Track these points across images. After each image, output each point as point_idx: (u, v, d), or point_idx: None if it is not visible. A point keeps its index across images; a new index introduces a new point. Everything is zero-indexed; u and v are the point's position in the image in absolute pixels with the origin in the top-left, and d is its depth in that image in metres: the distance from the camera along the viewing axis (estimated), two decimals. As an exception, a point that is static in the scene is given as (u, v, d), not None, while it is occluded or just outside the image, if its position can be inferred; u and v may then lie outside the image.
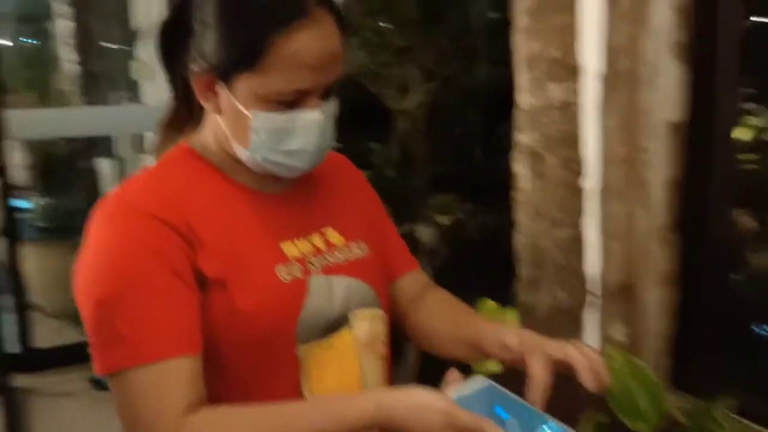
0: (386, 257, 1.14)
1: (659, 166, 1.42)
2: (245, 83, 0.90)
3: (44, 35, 5.46)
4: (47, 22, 5.34)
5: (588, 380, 0.85)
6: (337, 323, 1.00)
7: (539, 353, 0.89)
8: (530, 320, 1.63)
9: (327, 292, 0.99)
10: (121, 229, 0.89)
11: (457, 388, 0.89)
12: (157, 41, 0.99)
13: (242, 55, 0.89)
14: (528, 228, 1.62)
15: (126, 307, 0.86)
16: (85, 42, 4.54)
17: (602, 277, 1.49)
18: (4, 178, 3.14)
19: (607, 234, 1.48)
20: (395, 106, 4.26)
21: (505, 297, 1.78)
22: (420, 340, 1.14)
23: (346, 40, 0.95)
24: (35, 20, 5.29)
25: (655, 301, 1.44)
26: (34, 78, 4.68)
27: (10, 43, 5.59)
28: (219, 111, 0.95)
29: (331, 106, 0.96)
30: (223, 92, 0.93)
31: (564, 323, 1.56)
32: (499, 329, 0.98)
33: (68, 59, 4.78)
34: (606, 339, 1.48)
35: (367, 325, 1.04)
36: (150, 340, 0.86)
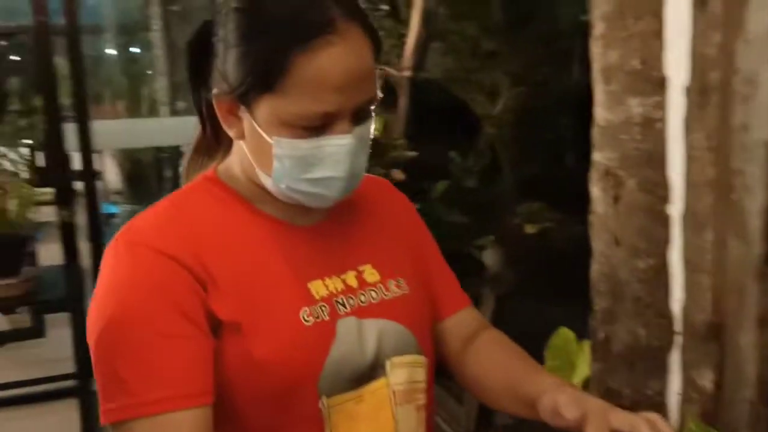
0: (432, 294, 1.03)
1: (755, 190, 1.25)
2: (267, 106, 0.82)
3: (146, 46, 5.65)
4: (146, 33, 5.52)
5: None
6: (369, 372, 0.90)
7: (600, 425, 0.76)
8: (605, 357, 1.48)
9: (357, 336, 0.89)
10: (126, 266, 0.83)
11: None
12: (186, 63, 0.93)
13: (261, 75, 0.81)
14: (605, 256, 1.47)
15: (127, 350, 0.80)
16: (175, 52, 4.65)
17: (688, 314, 1.32)
18: (90, 186, 3.23)
19: (694, 266, 1.31)
20: (483, 111, 4.13)
21: (584, 324, 1.63)
22: (471, 389, 1.03)
23: (378, 56, 0.85)
24: (134, 31, 5.49)
25: (750, 343, 1.27)
26: (129, 88, 4.84)
27: (114, 52, 5.83)
28: (242, 137, 0.87)
29: (365, 130, 0.87)
30: (245, 116, 0.85)
31: (643, 364, 1.40)
32: (558, 391, 0.86)
33: (159, 70, 4.92)
34: (690, 385, 1.31)
35: (405, 374, 0.94)
36: (152, 388, 0.79)
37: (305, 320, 0.86)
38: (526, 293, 1.91)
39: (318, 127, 0.82)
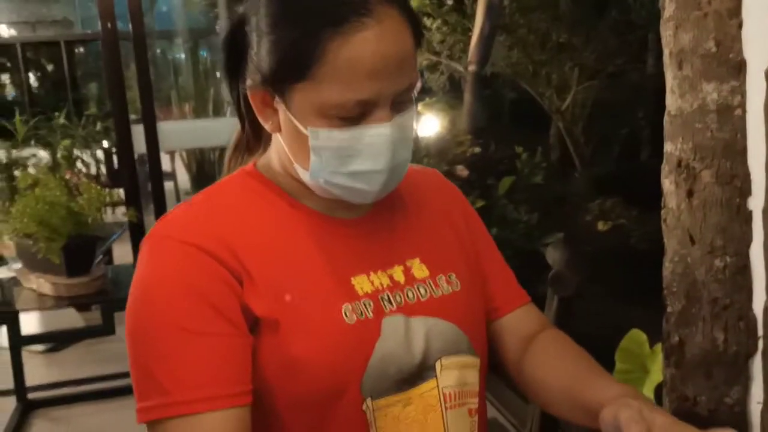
0: (487, 291, 0.97)
1: None
2: (301, 96, 0.78)
3: (213, 49, 5.75)
4: (213, 37, 5.62)
5: None
6: (417, 373, 0.85)
7: None
8: (679, 363, 1.38)
9: (404, 335, 0.84)
10: (157, 260, 0.80)
11: None
12: (223, 58, 0.90)
13: (293, 62, 0.76)
14: (679, 255, 1.37)
15: (158, 348, 0.77)
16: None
17: (772, 318, 1.21)
18: (157, 186, 3.30)
19: (779, 266, 1.20)
20: (552, 105, 4.02)
21: (660, 326, 1.53)
22: (529, 392, 0.96)
23: (419, 41, 0.79)
24: (202, 35, 5.60)
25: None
26: (195, 89, 4.93)
27: (183, 55, 5.96)
28: (279, 129, 0.83)
29: (407, 119, 0.81)
30: (280, 108, 0.81)
31: (722, 370, 1.29)
32: (621, 403, 0.78)
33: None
34: (776, 395, 1.20)
35: (456, 375, 0.88)
36: (186, 387, 0.75)
37: (347, 318, 0.81)
38: (595, 293, 1.81)
39: (355, 116, 0.77)
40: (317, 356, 0.78)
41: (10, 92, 9.82)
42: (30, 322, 4.22)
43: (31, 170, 4.07)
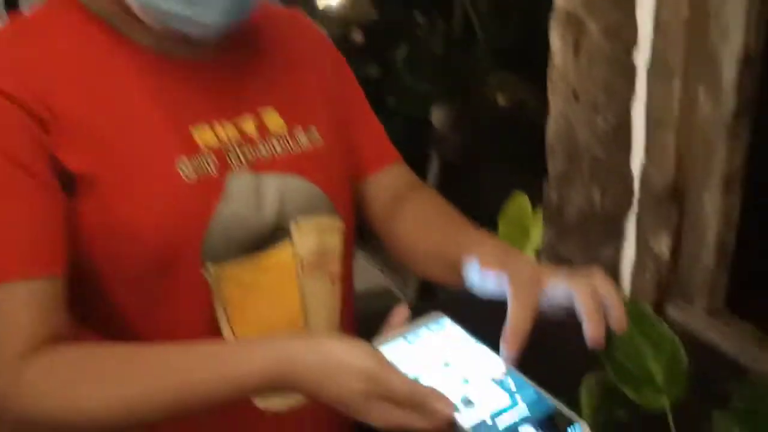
0: (354, 148, 0.89)
1: (733, 35, 1.09)
2: None
3: None
4: None
5: (593, 332, 0.61)
6: (268, 236, 0.77)
7: (529, 292, 0.64)
8: (558, 224, 1.37)
9: (253, 195, 0.75)
10: None
11: (401, 333, 0.66)
12: None
13: None
14: (562, 115, 1.33)
15: None
16: None
17: (648, 176, 1.20)
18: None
19: (658, 123, 1.18)
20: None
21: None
22: (401, 256, 0.90)
23: None
24: None
25: (713, 207, 1.16)
26: None
27: None
28: None
29: None
30: None
31: (597, 230, 1.29)
32: (479, 245, 0.73)
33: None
34: (646, 252, 1.21)
35: (314, 239, 0.80)
36: None
37: (185, 174, 0.71)
38: (481, 160, 1.78)
39: None
40: (147, 219, 0.68)
41: None
42: None
43: None
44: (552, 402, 0.60)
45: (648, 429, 0.66)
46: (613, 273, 1.28)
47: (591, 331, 0.60)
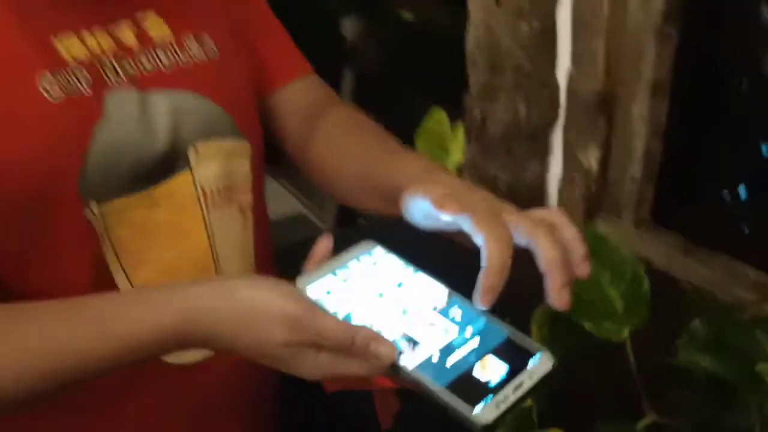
0: (258, 59, 0.77)
1: (664, -71, 1.02)
2: None
3: None
4: None
5: (554, 291, 0.53)
6: (162, 165, 0.65)
7: (500, 227, 0.55)
8: (481, 139, 1.30)
9: (139, 116, 0.63)
10: None
11: (327, 267, 0.57)
12: None
13: None
14: (483, 21, 1.23)
15: None
16: None
17: (575, 85, 1.14)
18: None
19: (585, 27, 1.10)
20: None
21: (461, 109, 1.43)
22: (319, 180, 0.80)
23: None
24: None
25: (641, 115, 1.11)
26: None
27: None
28: None
29: None
30: None
31: (522, 145, 1.23)
32: (428, 180, 0.63)
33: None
34: (573, 165, 1.16)
35: (219, 165, 0.69)
36: None
37: (49, 94, 0.58)
38: (395, 73, 1.67)
39: None
40: (9, 150, 0.56)
41: None
42: None
43: None
44: (507, 330, 0.53)
45: (602, 358, 0.60)
46: (540, 189, 1.23)
47: (556, 292, 0.52)
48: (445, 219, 0.54)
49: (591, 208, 1.16)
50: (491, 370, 0.50)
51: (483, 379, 0.49)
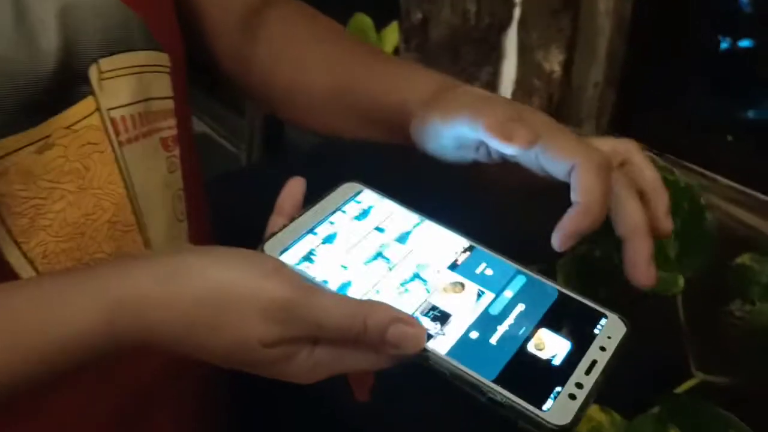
0: None
1: None
2: None
3: None
4: None
5: (641, 266, 0.40)
6: (55, 91, 0.47)
7: (591, 155, 0.40)
8: (422, 45, 1.15)
9: (15, 25, 0.45)
10: None
11: (302, 224, 0.43)
12: None
13: None
14: None
15: None
16: None
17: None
18: None
19: None
20: None
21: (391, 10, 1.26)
22: (270, 101, 0.64)
23: None
24: None
25: (605, 9, 0.99)
26: None
27: None
28: None
29: None
30: None
31: (473, 51, 1.09)
32: (467, 103, 0.47)
33: None
34: (533, 70, 1.03)
35: (129, 87, 0.52)
36: None
37: None
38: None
39: None
40: None
41: None
42: None
43: None
44: (558, 290, 0.40)
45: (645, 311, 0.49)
46: (492, 99, 1.10)
47: (644, 267, 0.40)
48: (509, 152, 0.40)
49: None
50: (551, 347, 0.37)
51: (543, 361, 0.37)
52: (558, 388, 0.35)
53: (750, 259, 0.49)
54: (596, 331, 0.38)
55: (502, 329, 0.38)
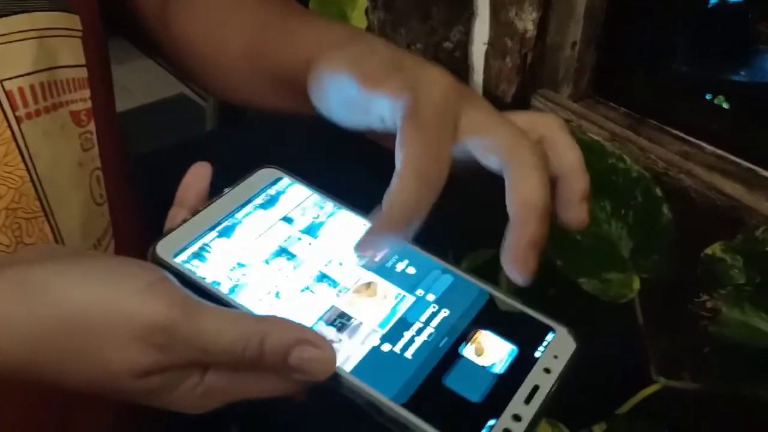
0: None
1: None
2: None
3: None
4: None
5: (518, 253, 0.33)
6: None
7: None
8: (389, 5, 1.07)
9: None
10: None
11: (206, 218, 0.37)
12: None
13: None
14: None
15: None
16: None
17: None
18: None
19: None
20: None
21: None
22: (189, 68, 0.57)
23: None
24: None
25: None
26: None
27: None
28: None
29: None
30: None
31: (444, 8, 1.01)
32: (350, 55, 0.41)
33: None
34: (504, 30, 0.96)
35: (30, 53, 0.46)
36: None
37: None
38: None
39: None
40: None
41: None
42: None
43: None
44: (492, 293, 0.34)
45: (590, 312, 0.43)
46: (463, 61, 1.03)
47: (521, 255, 0.33)
48: (376, 103, 0.35)
49: (526, 81, 0.97)
50: (482, 368, 0.31)
51: (472, 386, 0.31)
52: (491, 422, 0.29)
53: (721, 249, 0.43)
54: (540, 349, 0.32)
55: (419, 342, 0.32)
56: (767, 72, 0.99)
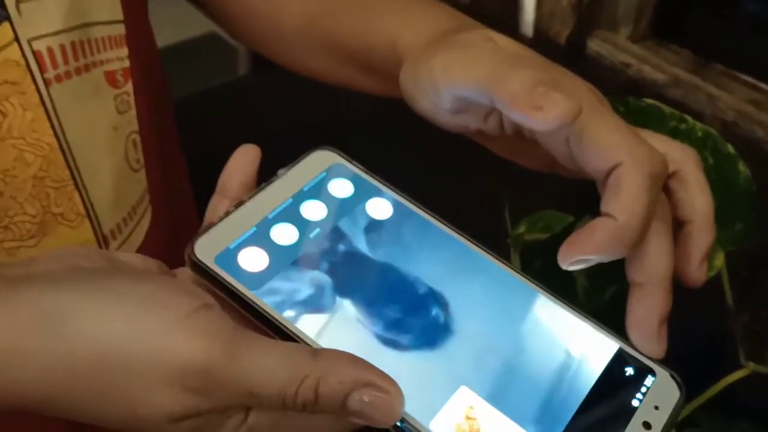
0: None
1: None
2: None
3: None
4: None
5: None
6: None
7: (639, 150, 0.29)
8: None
9: None
10: None
11: (252, 214, 0.31)
12: None
13: None
14: None
15: None
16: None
17: None
18: None
19: None
20: None
21: None
22: (230, 25, 0.52)
23: None
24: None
25: None
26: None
27: None
28: None
29: None
30: None
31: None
32: (477, 59, 0.34)
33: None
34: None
35: (60, 9, 0.40)
36: None
37: None
38: None
39: None
40: None
41: None
42: None
43: None
44: (591, 326, 0.29)
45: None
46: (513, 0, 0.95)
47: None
48: (539, 127, 0.29)
49: (582, 21, 0.90)
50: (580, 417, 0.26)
51: None
52: None
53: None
54: (638, 396, 0.27)
55: (513, 378, 0.27)
56: None
